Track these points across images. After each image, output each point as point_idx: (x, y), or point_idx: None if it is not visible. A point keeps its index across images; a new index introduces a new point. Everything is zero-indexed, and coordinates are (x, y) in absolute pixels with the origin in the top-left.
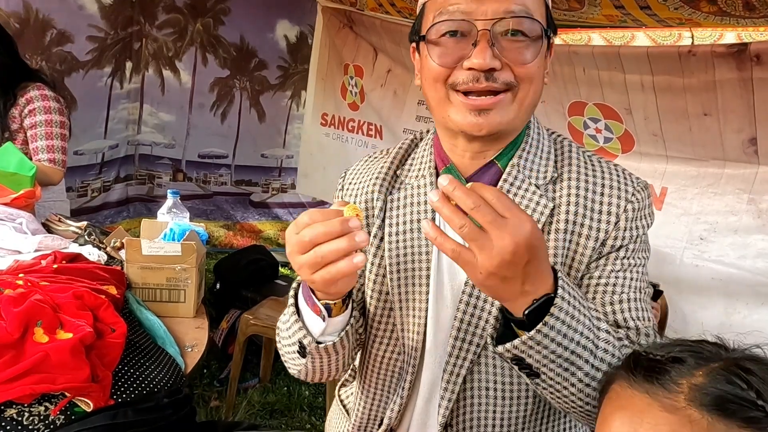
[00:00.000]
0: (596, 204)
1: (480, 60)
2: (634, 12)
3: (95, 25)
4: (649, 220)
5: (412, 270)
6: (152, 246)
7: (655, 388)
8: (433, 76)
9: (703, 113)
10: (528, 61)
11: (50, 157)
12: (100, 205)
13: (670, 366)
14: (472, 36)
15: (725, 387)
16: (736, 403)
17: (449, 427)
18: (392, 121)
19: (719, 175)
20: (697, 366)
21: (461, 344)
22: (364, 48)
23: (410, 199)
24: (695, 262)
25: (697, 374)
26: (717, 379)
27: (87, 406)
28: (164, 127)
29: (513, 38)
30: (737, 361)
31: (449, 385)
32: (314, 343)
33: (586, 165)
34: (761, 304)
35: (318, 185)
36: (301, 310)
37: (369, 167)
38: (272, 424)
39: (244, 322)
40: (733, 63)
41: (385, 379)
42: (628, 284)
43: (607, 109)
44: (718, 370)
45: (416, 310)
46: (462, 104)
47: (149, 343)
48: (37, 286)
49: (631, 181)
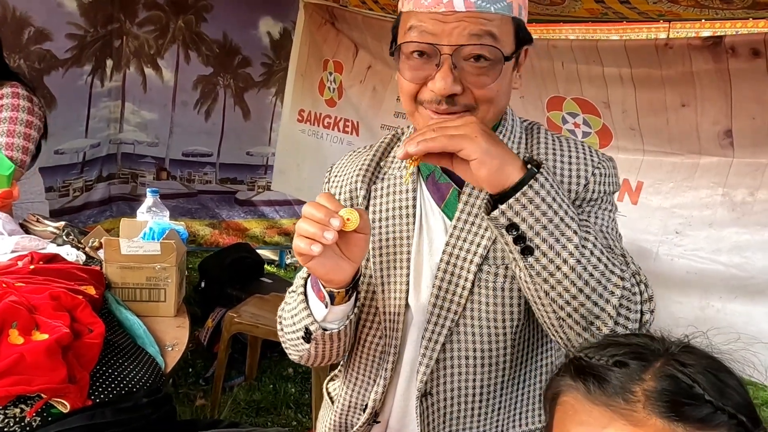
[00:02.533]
0: (565, 171)
1: (441, 84)
2: (615, 5)
3: (74, 23)
4: (616, 187)
5: (393, 254)
6: (131, 245)
7: (612, 400)
8: (405, 92)
9: (681, 104)
10: (488, 83)
11: (7, 155)
12: (83, 204)
13: (618, 372)
14: (436, 58)
15: (675, 389)
16: (689, 404)
17: (429, 395)
18: (370, 117)
19: (694, 168)
20: (642, 369)
21: (439, 311)
22: (344, 44)
23: (392, 188)
24: (671, 257)
25: (646, 378)
26: (666, 381)
27: (64, 407)
28: (147, 125)
29: (475, 63)
30: (674, 356)
31: (427, 352)
32: (320, 330)
33: (554, 142)
34: (735, 298)
35: (293, 183)
36: (309, 297)
37: (353, 160)
38: (258, 422)
39: (229, 321)
40: (709, 55)
41: (368, 363)
42: (602, 224)
43: (585, 103)
44: (662, 370)
45: (397, 292)
46: (428, 117)
47: (128, 343)
48: (12, 287)
49: (597, 153)
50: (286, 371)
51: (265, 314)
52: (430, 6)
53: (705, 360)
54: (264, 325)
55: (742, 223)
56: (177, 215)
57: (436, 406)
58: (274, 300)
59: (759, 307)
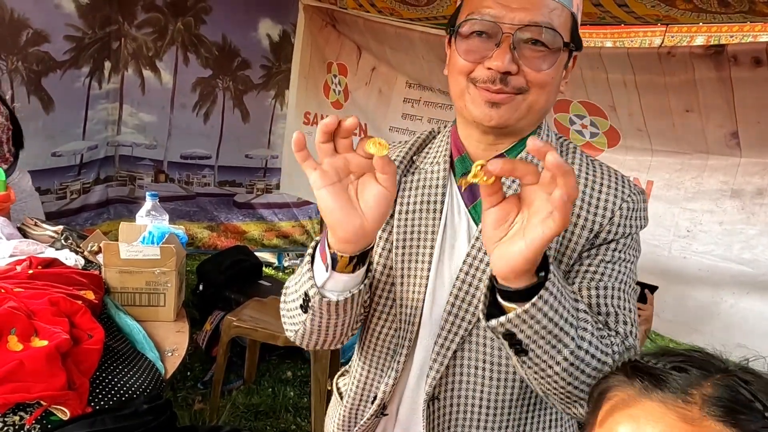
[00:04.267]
0: (593, 200)
1: (499, 62)
2: (613, 9)
3: (72, 25)
4: (643, 222)
5: (417, 247)
6: (130, 250)
7: (669, 398)
8: (458, 69)
9: (685, 110)
10: (542, 69)
11: None
12: (80, 207)
13: (677, 376)
14: (496, 38)
15: (734, 398)
16: (746, 415)
17: (436, 399)
18: (378, 119)
19: (703, 168)
20: (703, 377)
21: (454, 319)
22: (347, 46)
23: (423, 182)
24: (683, 254)
25: (705, 385)
26: (726, 391)
27: (63, 414)
28: (145, 127)
29: (533, 46)
30: (736, 372)
31: (438, 357)
32: (318, 295)
33: (587, 166)
34: (746, 294)
35: (302, 185)
36: (315, 260)
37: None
38: (257, 426)
39: (228, 324)
40: (711, 64)
41: (380, 355)
42: (615, 276)
43: (591, 106)
44: (723, 380)
45: (416, 286)
46: (478, 96)
47: (128, 349)
48: (11, 292)
49: (629, 184)
50: (285, 375)
51: (263, 317)
52: None
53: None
54: (263, 328)
55: (752, 221)
56: (175, 218)
57: (442, 411)
58: (273, 303)
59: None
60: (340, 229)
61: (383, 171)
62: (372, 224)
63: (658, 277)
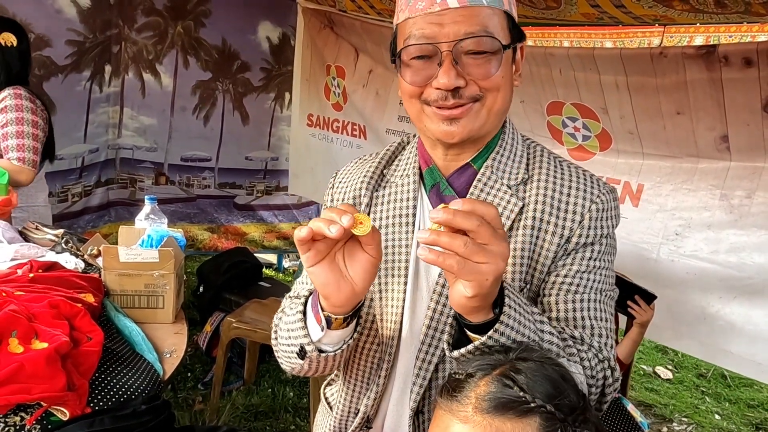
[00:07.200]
0: (563, 204)
1: (445, 80)
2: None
3: (74, 29)
4: (614, 222)
5: (392, 261)
6: (129, 253)
7: (453, 404)
8: (409, 94)
9: (676, 112)
10: (491, 74)
11: (19, 156)
12: (81, 209)
13: (465, 382)
14: (437, 57)
15: (499, 391)
16: (507, 403)
17: (420, 413)
18: (375, 121)
19: (693, 171)
20: (482, 377)
21: (434, 333)
22: (345, 48)
23: (394, 195)
24: (671, 258)
25: (480, 384)
26: (494, 386)
27: (63, 414)
28: (145, 130)
29: (475, 56)
30: (511, 363)
31: (421, 372)
32: (316, 351)
33: (555, 168)
34: (733, 298)
35: (308, 185)
36: (307, 316)
37: (359, 168)
38: (256, 426)
39: (228, 325)
40: (703, 64)
41: (365, 370)
42: (591, 286)
43: (584, 108)
44: (494, 377)
45: (394, 300)
46: (435, 115)
47: (127, 351)
48: (11, 296)
49: (598, 184)
50: (285, 375)
51: (263, 318)
52: (425, 8)
53: (534, 367)
54: (262, 329)
55: (739, 225)
56: (176, 220)
57: (427, 425)
58: (273, 304)
59: (757, 307)
60: (334, 298)
61: (369, 243)
62: (362, 288)
63: (646, 280)
